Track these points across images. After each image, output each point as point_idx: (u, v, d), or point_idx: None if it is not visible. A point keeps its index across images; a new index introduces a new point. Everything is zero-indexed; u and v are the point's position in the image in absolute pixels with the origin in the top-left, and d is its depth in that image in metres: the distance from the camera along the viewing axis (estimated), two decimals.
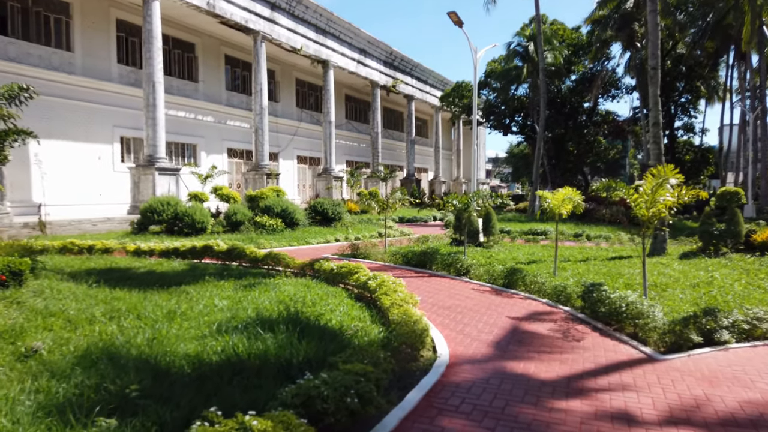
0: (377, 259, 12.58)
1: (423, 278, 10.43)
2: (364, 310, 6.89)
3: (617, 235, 17.20)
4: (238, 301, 6.97)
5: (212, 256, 11.36)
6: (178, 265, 10.48)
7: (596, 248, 14.38)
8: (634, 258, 12.23)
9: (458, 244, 14.55)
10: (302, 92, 37.78)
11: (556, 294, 8.26)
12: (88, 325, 5.78)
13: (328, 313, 6.49)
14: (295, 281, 8.79)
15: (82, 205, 21.77)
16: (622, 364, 5.42)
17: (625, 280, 9.26)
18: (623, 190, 7.71)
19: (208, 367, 4.43)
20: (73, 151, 21.96)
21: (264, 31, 27.43)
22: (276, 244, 14.91)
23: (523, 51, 41.21)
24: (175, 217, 16.14)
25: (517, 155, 65.91)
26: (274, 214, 17.54)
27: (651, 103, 12.90)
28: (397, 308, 6.18)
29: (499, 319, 7.17)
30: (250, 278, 8.88)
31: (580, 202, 9.19)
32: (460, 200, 11.61)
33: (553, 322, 7.08)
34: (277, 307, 6.65)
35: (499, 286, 9.52)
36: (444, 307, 7.86)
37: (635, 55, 37.70)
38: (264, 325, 5.57)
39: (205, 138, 28.94)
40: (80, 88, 22.21)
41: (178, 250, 11.52)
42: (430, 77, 48.02)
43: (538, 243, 15.94)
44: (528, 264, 11.39)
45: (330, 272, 8.94)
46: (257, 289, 7.86)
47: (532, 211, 31.82)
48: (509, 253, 13.27)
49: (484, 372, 5.10)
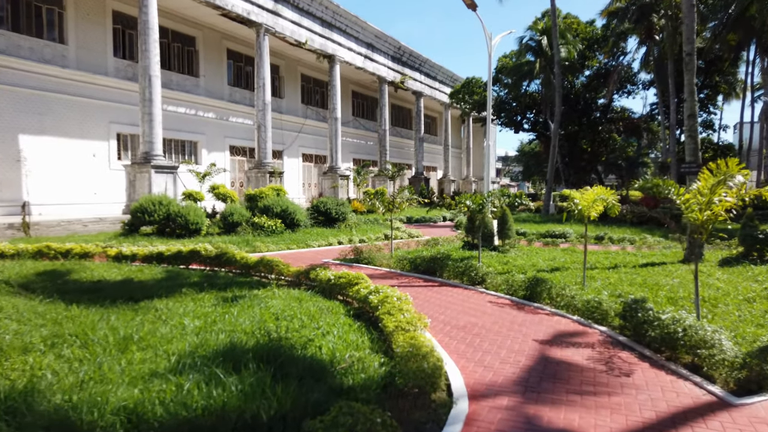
0: (382, 265, 11.44)
1: (432, 288, 9.26)
2: (363, 332, 5.75)
3: (642, 237, 15.92)
4: (212, 322, 5.84)
5: (200, 261, 10.26)
6: (160, 273, 9.40)
7: (623, 252, 13.12)
8: (668, 265, 10.98)
9: (471, 248, 13.36)
10: (307, 88, 36.63)
11: (588, 310, 7.08)
12: (21, 355, 4.69)
13: (319, 337, 5.35)
14: (287, 293, 7.66)
15: (76, 205, 20.83)
16: (690, 412, 4.23)
17: (667, 293, 8.03)
18: (671, 189, 6.49)
19: (145, 427, 3.30)
20: (66, 148, 20.98)
21: (267, 23, 26.33)
22: (273, 247, 13.77)
23: (535, 45, 39.90)
24: (167, 218, 15.07)
25: (528, 153, 64.36)
26: (273, 214, 16.37)
27: (686, 93, 11.65)
28: (402, 334, 5.02)
29: (525, 344, 5.99)
30: (235, 289, 7.76)
31: (615, 203, 7.96)
32: (474, 200, 10.41)
33: (590, 347, 5.90)
34: (257, 330, 5.51)
35: (520, 299, 8.35)
36: (458, 326, 6.70)
37: (653, 48, 36.31)
38: (235, 359, 4.44)
39: (206, 135, 27.91)
40: (74, 82, 21.22)
41: (162, 256, 10.42)
42: (440, 73, 46.70)
43: (557, 246, 14.69)
44: (551, 272, 10.20)
45: (327, 283, 7.81)
46: (240, 305, 6.74)
47: (546, 211, 30.55)
48: (528, 258, 12.06)
49: (516, 427, 3.94)
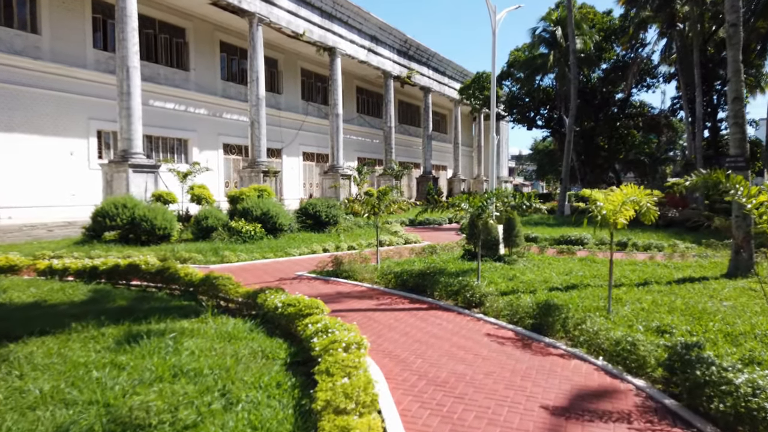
0: (364, 280, 9.61)
1: (417, 314, 7.40)
2: (292, 400, 3.93)
3: (671, 243, 13.89)
4: (73, 383, 4.06)
5: (140, 277, 8.53)
6: (83, 293, 7.68)
7: (651, 263, 11.12)
8: (711, 281, 9.00)
9: (472, 258, 11.47)
10: (308, 83, 34.88)
11: (619, 354, 5.19)
12: None
13: (215, 415, 3.54)
14: (221, 326, 5.87)
15: (51, 207, 19.29)
16: None
17: (721, 326, 6.09)
18: (738, 187, 4.58)
19: None
20: (40, 146, 19.43)
21: (260, 13, 24.62)
22: (245, 256, 11.98)
23: (549, 37, 37.75)
24: (131, 223, 13.39)
25: (542, 151, 61.97)
26: (252, 217, 14.59)
27: (730, 72, 9.62)
28: (331, 420, 3.18)
29: (530, 416, 4.13)
30: (153, 320, 5.97)
31: (651, 206, 6.03)
32: (472, 203, 8.52)
33: (625, 419, 4.02)
34: (121, 404, 3.72)
35: (528, 330, 6.48)
36: (436, 382, 4.83)
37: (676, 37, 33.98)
38: None
39: (197, 132, 26.29)
40: (49, 75, 19.67)
41: (97, 270, 8.70)
42: (449, 68, 44.65)
43: (573, 255, 12.71)
44: (566, 290, 8.28)
45: (273, 312, 6.01)
46: (141, 347, 4.96)
47: (561, 212, 28.47)
48: (539, 271, 10.14)
49: None
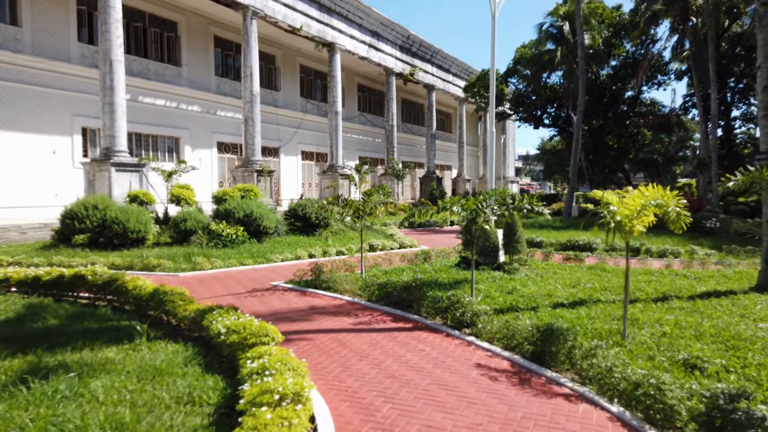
0: (345, 292, 8.54)
1: (398, 337, 6.31)
2: None
3: (688, 249, 12.72)
4: None
5: (87, 288, 7.51)
6: (15, 309, 6.67)
7: (669, 273, 9.97)
8: (739, 296, 7.85)
9: (468, 265, 10.38)
10: (307, 80, 33.86)
11: (639, 400, 4.10)
12: None
13: None
14: (153, 356, 4.83)
15: (32, 208, 18.42)
16: None
17: (762, 359, 4.97)
18: None
19: None
20: (20, 143, 18.54)
21: (255, 6, 23.59)
22: (220, 263, 10.92)
23: (556, 32, 36.51)
24: (102, 225, 12.40)
25: (549, 151, 60.57)
26: (234, 220, 13.58)
27: (760, 58, 8.46)
28: None
29: None
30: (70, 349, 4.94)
31: (681, 211, 4.91)
32: (466, 205, 7.43)
33: None
34: None
35: (526, 358, 5.39)
36: None
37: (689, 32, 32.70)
38: None
39: (190, 130, 25.34)
40: (30, 69, 18.77)
41: (39, 281, 7.69)
42: (453, 65, 43.45)
43: (581, 262, 11.55)
44: (572, 307, 7.17)
45: (216, 338, 4.96)
46: (24, 395, 3.93)
47: (568, 213, 27.30)
48: (542, 282, 9.02)
49: None
